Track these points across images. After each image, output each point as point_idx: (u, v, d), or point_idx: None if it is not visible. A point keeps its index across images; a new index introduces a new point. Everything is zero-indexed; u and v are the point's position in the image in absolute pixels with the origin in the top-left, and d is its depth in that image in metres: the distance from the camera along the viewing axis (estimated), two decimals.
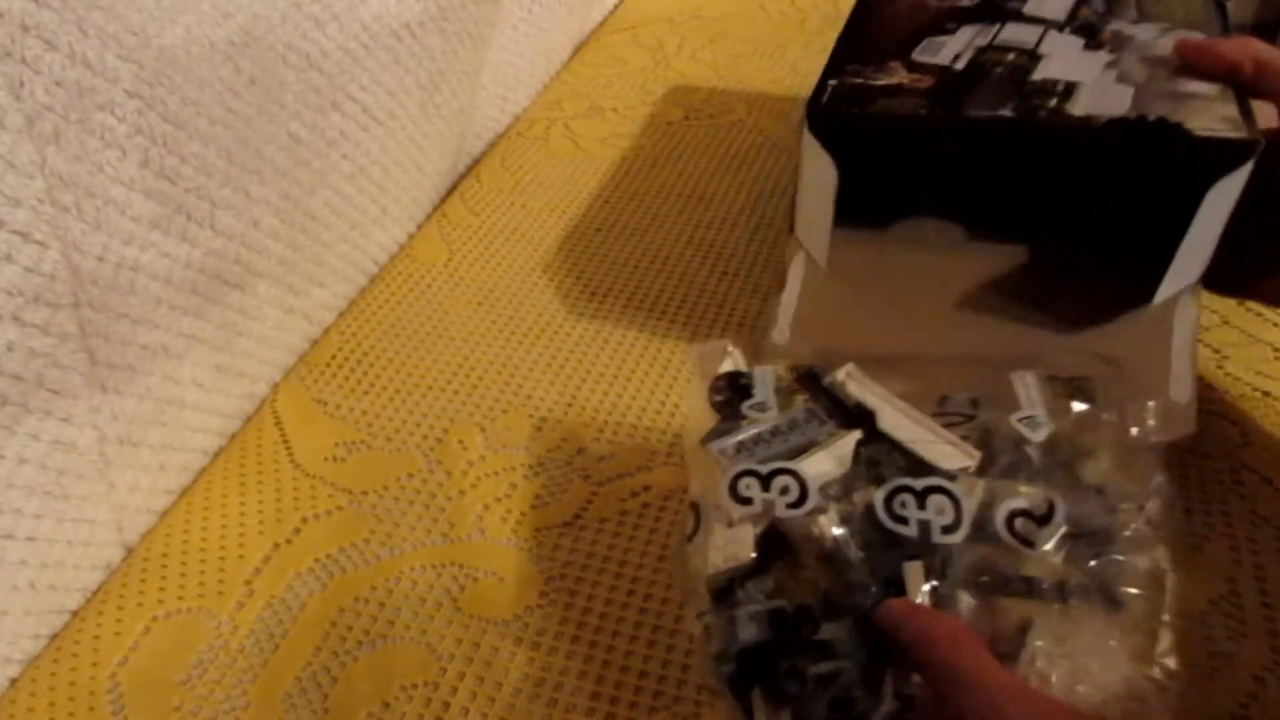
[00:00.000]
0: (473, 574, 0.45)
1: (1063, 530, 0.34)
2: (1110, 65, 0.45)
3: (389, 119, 0.61)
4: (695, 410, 0.42)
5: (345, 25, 0.55)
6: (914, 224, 0.46)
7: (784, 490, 0.37)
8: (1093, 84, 0.44)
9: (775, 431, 0.39)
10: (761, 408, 0.39)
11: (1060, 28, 0.50)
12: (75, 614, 0.45)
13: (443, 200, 0.72)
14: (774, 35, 0.92)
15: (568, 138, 0.78)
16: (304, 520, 0.48)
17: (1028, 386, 0.39)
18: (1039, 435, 0.37)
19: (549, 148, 0.77)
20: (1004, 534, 0.34)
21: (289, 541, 0.47)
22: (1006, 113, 0.43)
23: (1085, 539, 0.35)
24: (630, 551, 0.45)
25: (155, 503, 0.49)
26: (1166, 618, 0.35)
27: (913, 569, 0.34)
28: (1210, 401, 0.51)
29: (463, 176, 0.75)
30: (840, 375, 0.41)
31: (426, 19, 0.62)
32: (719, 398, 0.41)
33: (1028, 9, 0.52)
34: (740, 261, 0.63)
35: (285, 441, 0.52)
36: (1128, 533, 0.35)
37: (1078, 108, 0.42)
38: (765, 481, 0.37)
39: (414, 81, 0.62)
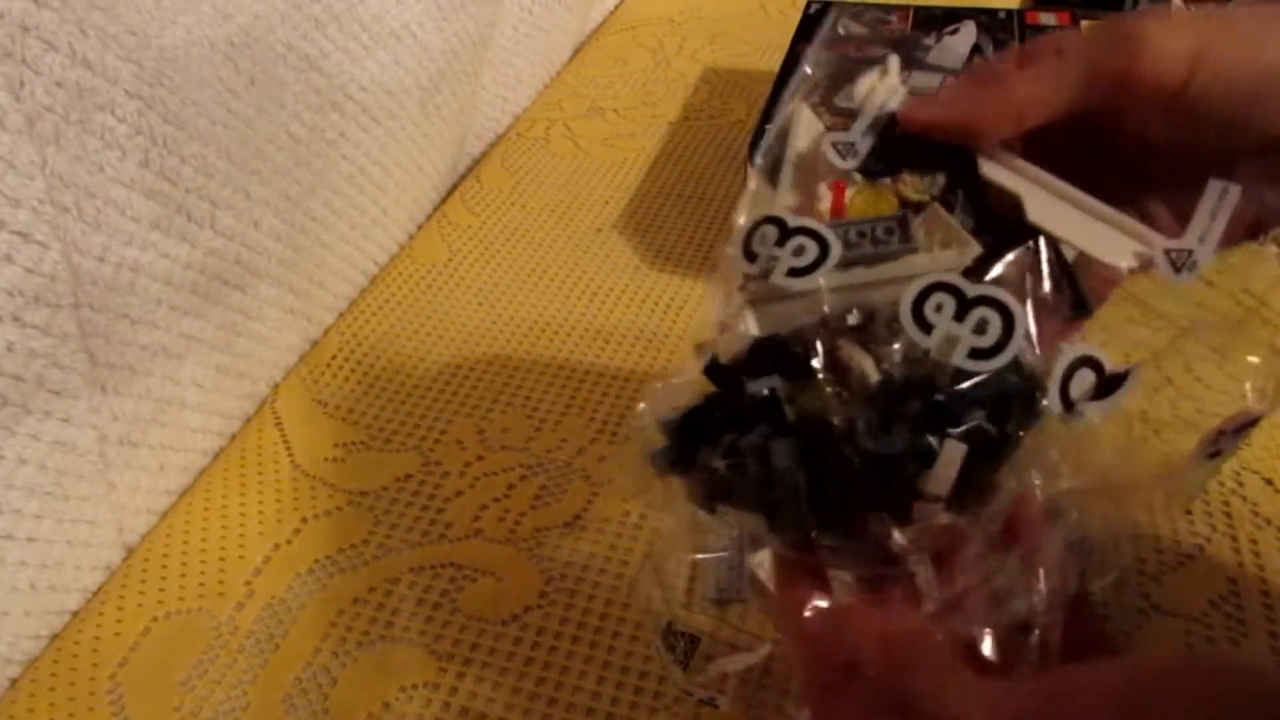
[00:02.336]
0: (472, 574, 0.45)
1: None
2: None
3: (389, 119, 0.61)
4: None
5: (345, 25, 0.55)
6: None
7: (798, 251, 0.28)
8: None
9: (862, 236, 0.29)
10: (849, 150, 0.31)
11: (957, 75, 0.60)
12: (75, 615, 0.44)
13: (443, 201, 0.72)
14: (774, 35, 0.91)
15: (568, 138, 0.78)
16: (304, 521, 0.48)
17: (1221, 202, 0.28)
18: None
19: (549, 148, 0.77)
20: (1055, 383, 0.27)
21: (289, 542, 0.47)
22: None
23: None
24: (631, 552, 0.45)
25: (155, 503, 0.49)
26: None
27: (953, 448, 0.26)
28: (1210, 401, 0.51)
29: (463, 177, 0.75)
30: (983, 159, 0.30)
31: (426, 19, 0.62)
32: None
33: (930, 58, 0.62)
34: None
35: (285, 442, 0.52)
36: None
37: None
38: (786, 236, 0.29)
39: (414, 81, 0.62)
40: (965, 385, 0.26)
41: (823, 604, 0.27)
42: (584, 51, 0.93)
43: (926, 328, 0.27)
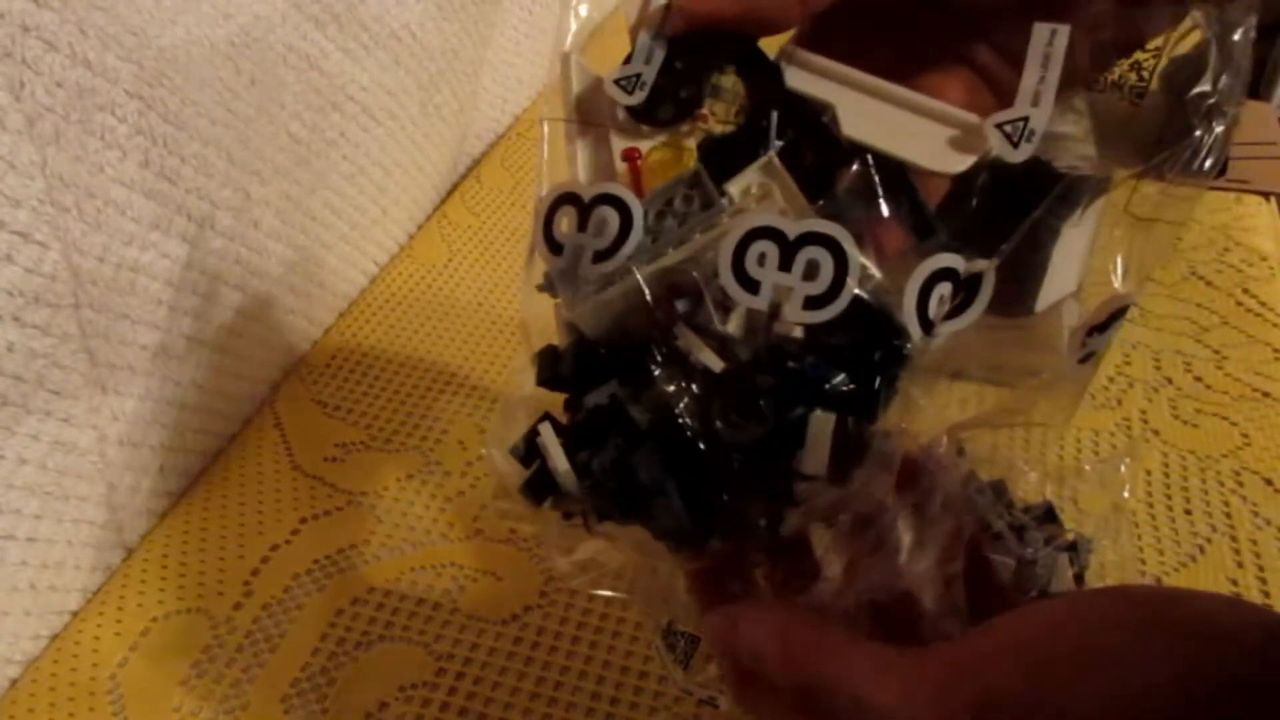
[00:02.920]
0: (472, 574, 0.45)
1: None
2: None
3: (389, 119, 0.61)
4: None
5: (345, 25, 0.55)
6: None
7: (599, 228, 0.25)
8: None
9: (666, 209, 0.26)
10: (634, 83, 0.28)
11: None
12: (75, 615, 0.44)
13: (443, 200, 0.72)
14: (773, 35, 0.91)
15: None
16: (303, 521, 0.48)
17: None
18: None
19: None
20: (910, 308, 0.24)
21: (288, 542, 0.47)
22: None
23: None
24: None
25: (155, 504, 0.49)
26: None
27: (821, 422, 0.23)
28: (1210, 401, 0.51)
29: (463, 177, 0.75)
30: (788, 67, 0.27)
31: (426, 19, 0.62)
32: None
33: None
34: None
35: (285, 442, 0.52)
36: None
37: None
38: (585, 213, 0.25)
39: (414, 81, 0.62)
40: (818, 345, 0.24)
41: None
42: (584, 51, 0.93)
43: (753, 285, 0.24)
